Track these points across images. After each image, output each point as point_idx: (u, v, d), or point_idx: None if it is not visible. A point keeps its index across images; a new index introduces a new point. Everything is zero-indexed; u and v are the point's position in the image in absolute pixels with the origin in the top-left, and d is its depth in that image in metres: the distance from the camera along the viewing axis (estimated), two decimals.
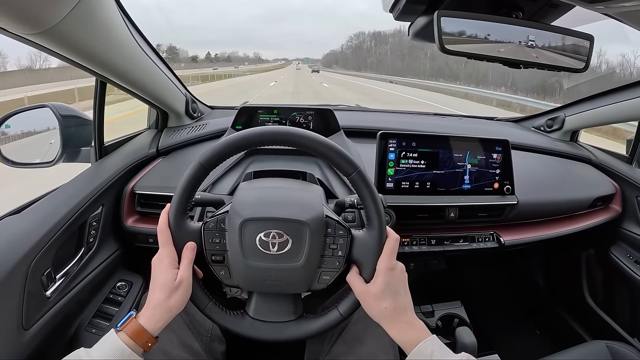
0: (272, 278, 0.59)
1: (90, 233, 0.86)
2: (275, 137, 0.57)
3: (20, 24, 0.53)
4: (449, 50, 0.63)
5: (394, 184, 0.94)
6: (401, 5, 0.65)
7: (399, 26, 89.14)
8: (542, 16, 0.69)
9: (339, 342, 0.72)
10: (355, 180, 0.58)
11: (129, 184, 0.95)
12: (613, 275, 1.26)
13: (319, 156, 0.58)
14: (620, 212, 1.20)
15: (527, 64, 0.68)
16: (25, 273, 0.65)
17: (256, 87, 19.52)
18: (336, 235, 0.59)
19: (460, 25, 0.63)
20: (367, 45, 52.49)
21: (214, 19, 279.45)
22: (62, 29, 0.57)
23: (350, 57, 67.70)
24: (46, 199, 0.81)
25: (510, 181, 1.00)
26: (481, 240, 1.00)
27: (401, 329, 0.57)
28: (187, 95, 1.20)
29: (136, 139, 1.12)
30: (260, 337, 0.61)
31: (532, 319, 1.52)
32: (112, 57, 0.75)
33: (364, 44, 55.72)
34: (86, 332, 0.82)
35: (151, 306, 0.54)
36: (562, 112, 1.37)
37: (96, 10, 0.62)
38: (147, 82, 0.94)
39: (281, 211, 0.58)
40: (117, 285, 0.93)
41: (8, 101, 9.47)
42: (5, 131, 0.91)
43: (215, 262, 0.59)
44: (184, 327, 0.72)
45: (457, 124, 1.46)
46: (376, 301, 0.57)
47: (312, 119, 1.10)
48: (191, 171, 0.57)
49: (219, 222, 0.59)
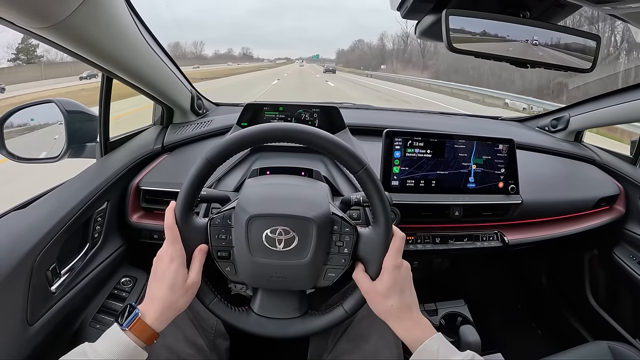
0: (278, 274, 0.59)
1: (95, 229, 0.86)
2: (283, 134, 0.57)
3: (29, 18, 0.53)
4: (457, 49, 0.63)
5: (399, 182, 0.94)
6: (409, 4, 0.65)
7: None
8: (549, 16, 0.69)
9: (343, 339, 0.72)
10: (362, 178, 0.58)
11: (134, 180, 0.95)
12: (616, 276, 1.26)
13: (326, 153, 0.58)
14: (624, 213, 1.20)
15: (534, 64, 0.68)
16: (30, 268, 0.65)
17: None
18: (342, 232, 0.59)
19: (468, 24, 0.63)
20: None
21: (212, 10, 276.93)
22: (70, 23, 0.57)
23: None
24: (51, 194, 0.81)
25: (515, 181, 0.99)
26: (485, 240, 1.00)
27: (407, 327, 0.57)
28: (193, 91, 1.20)
29: (141, 135, 1.12)
30: (265, 334, 0.61)
31: (534, 318, 1.53)
32: (120, 52, 0.75)
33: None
34: (90, 327, 0.82)
35: (160, 306, 0.54)
36: (567, 113, 1.37)
37: (104, 5, 0.63)
38: (154, 78, 0.94)
39: (288, 208, 0.58)
40: (122, 281, 0.93)
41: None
42: (10, 126, 0.92)
43: (221, 258, 0.59)
44: (189, 323, 0.73)
45: (462, 122, 1.46)
46: (382, 299, 0.57)
47: (317, 116, 1.10)
48: (198, 167, 0.57)
49: (225, 218, 0.59)
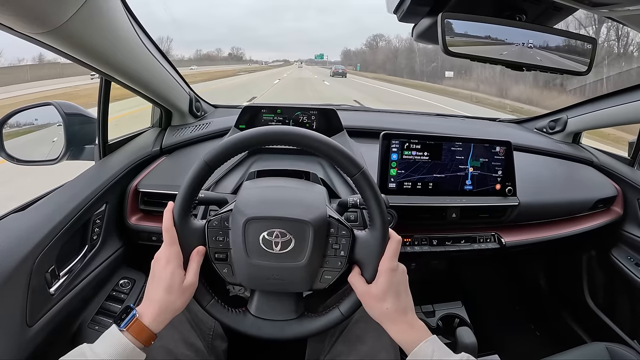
0: (275, 277, 0.59)
1: (94, 231, 0.86)
2: (280, 136, 0.57)
3: (27, 23, 0.54)
4: (453, 52, 0.63)
5: (396, 185, 0.95)
6: (405, 7, 0.65)
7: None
8: (545, 19, 0.69)
9: (340, 342, 0.72)
10: (359, 181, 0.58)
11: (132, 182, 0.96)
12: (614, 277, 1.26)
13: (323, 156, 0.58)
14: (622, 215, 1.20)
15: (529, 67, 0.68)
16: (29, 270, 0.66)
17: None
18: (339, 235, 0.60)
19: (464, 27, 0.63)
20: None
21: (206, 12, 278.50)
22: (68, 28, 0.57)
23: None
24: (50, 196, 0.81)
25: (512, 182, 1.00)
26: (482, 241, 1.00)
27: (402, 330, 0.57)
28: (191, 94, 1.21)
29: (140, 137, 1.12)
30: (262, 336, 0.62)
31: (532, 319, 1.53)
32: (118, 56, 0.76)
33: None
34: (89, 329, 0.82)
35: (157, 307, 0.55)
36: (565, 114, 1.37)
37: (102, 9, 0.63)
38: (152, 80, 0.95)
39: (285, 210, 0.59)
40: (120, 283, 0.93)
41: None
42: (9, 128, 0.92)
43: (218, 259, 0.60)
44: (187, 324, 0.73)
45: (459, 124, 1.46)
46: (377, 302, 0.57)
47: (315, 118, 1.11)
48: (196, 170, 0.57)
49: (223, 220, 0.60)
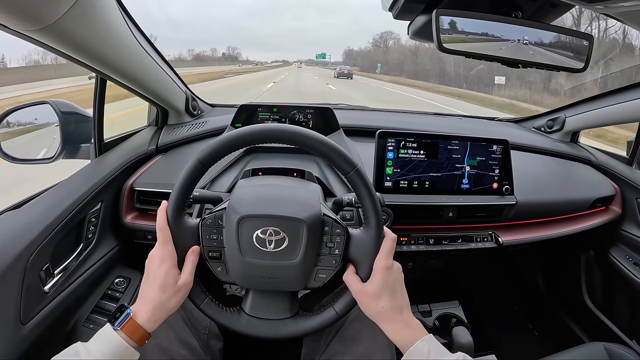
0: (269, 275, 0.59)
1: (89, 229, 0.86)
2: (274, 134, 0.57)
3: (20, 20, 0.53)
4: (447, 49, 0.63)
5: (392, 183, 0.94)
6: (400, 4, 0.65)
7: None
8: (541, 16, 0.69)
9: (335, 341, 0.72)
10: (353, 179, 0.58)
11: (128, 181, 0.96)
12: (612, 277, 1.26)
13: (318, 154, 0.58)
14: (620, 214, 1.20)
15: (525, 64, 0.68)
16: (23, 268, 0.65)
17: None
18: (333, 233, 0.59)
19: (459, 24, 0.63)
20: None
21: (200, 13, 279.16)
22: (62, 25, 0.57)
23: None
24: (45, 194, 0.81)
25: (509, 181, 0.99)
26: (479, 240, 1.00)
27: (397, 329, 0.57)
28: (187, 92, 1.20)
29: (136, 136, 1.12)
30: (257, 335, 0.61)
31: (530, 319, 1.52)
32: (112, 54, 0.75)
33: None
34: (84, 327, 0.82)
35: (151, 306, 0.54)
36: (563, 113, 1.37)
37: (96, 7, 0.63)
38: (148, 79, 0.94)
39: (278, 209, 0.58)
40: (115, 282, 0.93)
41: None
42: (5, 127, 0.92)
43: (212, 258, 0.59)
44: (182, 323, 0.73)
45: (457, 123, 1.46)
46: (373, 300, 0.57)
47: (311, 117, 1.10)
48: (189, 168, 0.57)
49: (217, 218, 0.59)
